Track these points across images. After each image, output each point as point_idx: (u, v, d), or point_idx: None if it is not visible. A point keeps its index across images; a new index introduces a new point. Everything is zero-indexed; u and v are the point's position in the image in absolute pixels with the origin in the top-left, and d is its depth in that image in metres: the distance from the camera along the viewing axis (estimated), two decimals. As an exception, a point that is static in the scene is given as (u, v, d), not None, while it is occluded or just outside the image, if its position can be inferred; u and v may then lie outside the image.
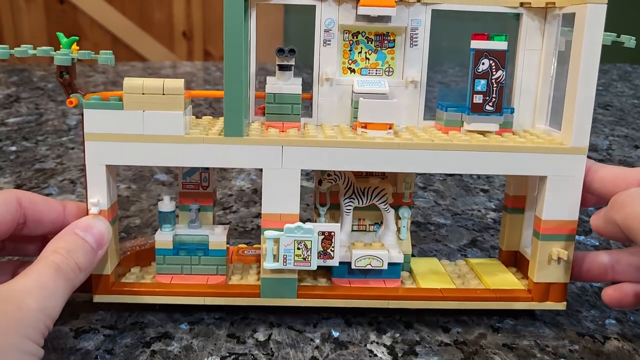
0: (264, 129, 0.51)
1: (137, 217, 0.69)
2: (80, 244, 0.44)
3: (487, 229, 0.69)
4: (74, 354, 0.46)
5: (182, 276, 0.52)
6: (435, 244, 0.65)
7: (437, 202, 0.77)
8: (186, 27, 2.25)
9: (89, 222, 0.46)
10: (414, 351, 0.48)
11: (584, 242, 0.67)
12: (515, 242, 0.58)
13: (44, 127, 1.02)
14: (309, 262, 0.49)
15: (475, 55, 0.50)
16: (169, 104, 0.46)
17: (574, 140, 0.48)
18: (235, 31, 0.45)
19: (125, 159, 0.47)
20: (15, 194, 0.46)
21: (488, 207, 0.75)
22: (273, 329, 0.50)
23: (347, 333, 0.50)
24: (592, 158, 0.50)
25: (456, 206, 0.75)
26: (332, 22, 0.53)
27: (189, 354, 0.47)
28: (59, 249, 0.42)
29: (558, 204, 0.50)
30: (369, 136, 0.49)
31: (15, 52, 0.45)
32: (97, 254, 0.45)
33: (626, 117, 1.18)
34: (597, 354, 0.48)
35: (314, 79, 0.54)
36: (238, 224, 0.69)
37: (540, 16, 0.54)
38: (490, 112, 0.51)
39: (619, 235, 0.46)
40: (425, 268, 0.57)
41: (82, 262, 0.43)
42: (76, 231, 0.45)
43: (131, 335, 0.49)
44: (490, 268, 0.57)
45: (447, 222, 0.71)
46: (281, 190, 0.48)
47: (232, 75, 0.46)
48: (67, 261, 0.42)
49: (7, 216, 0.45)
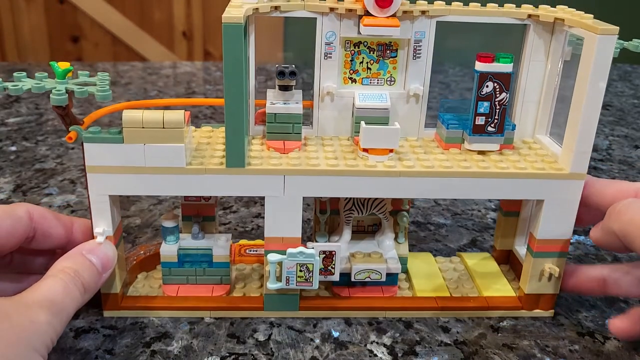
0: (265, 148, 0.51)
1: (137, 217, 0.70)
2: (87, 265, 0.45)
3: (487, 229, 0.71)
4: (74, 354, 0.47)
5: (188, 286, 0.54)
6: (435, 243, 0.67)
7: (437, 202, 0.77)
8: (186, 27, 2.17)
9: (95, 246, 0.47)
10: (414, 351, 0.49)
11: (584, 242, 0.68)
12: (509, 243, 0.60)
13: (44, 127, 1.01)
14: (311, 283, 0.51)
15: (480, 78, 0.50)
16: (169, 137, 0.46)
17: (573, 166, 0.49)
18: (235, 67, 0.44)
19: (127, 190, 0.48)
20: (27, 208, 0.47)
21: (488, 207, 0.76)
22: (273, 329, 0.51)
23: (347, 333, 0.51)
24: (592, 158, 0.50)
25: (456, 206, 0.76)
26: (334, 35, 0.51)
27: (189, 354, 0.48)
28: (66, 268, 0.44)
29: (553, 225, 0.51)
30: (370, 163, 0.49)
31: (10, 90, 0.43)
32: (102, 277, 0.46)
33: (626, 117, 1.17)
34: (597, 354, 0.50)
35: (314, 92, 0.53)
36: (238, 224, 0.70)
37: (547, 30, 0.52)
38: (492, 133, 0.51)
39: (617, 245, 0.47)
40: (421, 269, 0.59)
41: (87, 282, 0.44)
42: (83, 253, 0.46)
43: (131, 335, 0.50)
44: (483, 269, 0.59)
45: (447, 222, 0.72)
46: (283, 216, 0.49)
47: (233, 110, 0.45)
48: (74, 280, 0.43)
49: (20, 229, 0.46)
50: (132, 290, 0.55)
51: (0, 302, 0.38)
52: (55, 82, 0.45)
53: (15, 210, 0.46)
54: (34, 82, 0.45)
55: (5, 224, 0.45)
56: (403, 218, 0.57)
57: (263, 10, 0.49)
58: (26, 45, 2.14)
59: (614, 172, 0.88)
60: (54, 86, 0.44)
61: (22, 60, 2.14)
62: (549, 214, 0.50)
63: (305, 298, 0.54)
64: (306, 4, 0.50)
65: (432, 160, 0.50)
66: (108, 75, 0.48)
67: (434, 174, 0.49)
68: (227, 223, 0.70)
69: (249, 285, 0.56)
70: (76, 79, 0.47)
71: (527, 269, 0.53)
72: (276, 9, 0.50)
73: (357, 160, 0.50)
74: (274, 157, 0.49)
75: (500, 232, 0.60)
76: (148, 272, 0.58)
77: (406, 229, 0.57)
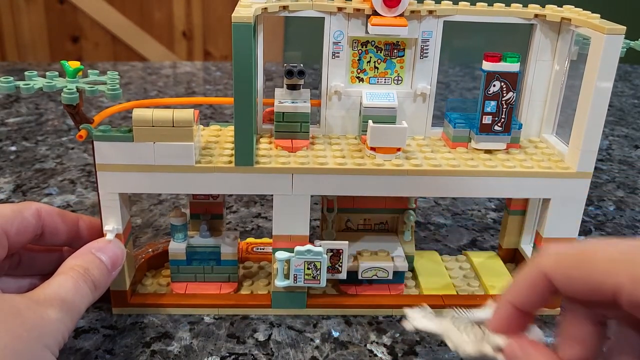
0: (273, 147, 0.52)
1: (138, 217, 0.70)
2: (97, 263, 0.46)
3: (487, 229, 0.71)
4: (74, 354, 0.47)
5: (196, 284, 0.55)
6: (435, 243, 0.67)
7: (437, 202, 0.77)
8: (186, 27, 2.18)
9: (104, 244, 0.47)
10: (414, 351, 0.49)
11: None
12: (515, 241, 0.61)
13: (44, 127, 1.01)
14: (319, 281, 0.51)
15: (487, 77, 0.50)
16: (179, 135, 0.46)
17: (579, 165, 0.49)
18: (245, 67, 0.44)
19: (137, 188, 0.48)
20: (35, 206, 0.48)
21: (488, 207, 0.76)
22: (273, 329, 0.51)
23: (347, 333, 0.51)
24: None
25: (456, 206, 0.76)
26: (342, 35, 0.51)
27: (189, 354, 0.48)
28: (76, 266, 0.44)
29: (559, 224, 0.51)
30: (377, 162, 0.49)
31: (22, 89, 0.44)
32: (111, 275, 0.47)
33: (626, 117, 1.18)
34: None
35: (322, 91, 0.53)
36: (238, 223, 0.70)
37: (554, 29, 0.52)
38: (499, 132, 0.51)
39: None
40: (427, 267, 0.59)
41: (98, 280, 0.44)
42: (93, 251, 0.46)
43: (131, 335, 0.50)
44: (489, 267, 0.59)
45: (447, 222, 0.72)
46: (291, 214, 0.49)
47: (242, 109, 0.46)
48: (85, 278, 0.43)
49: (30, 227, 0.47)
50: (141, 287, 0.55)
51: (11, 299, 0.39)
52: (66, 81, 0.46)
53: (24, 209, 0.47)
54: (45, 81, 0.45)
55: (16, 222, 0.46)
56: (410, 216, 0.57)
57: (272, 9, 0.49)
58: (26, 45, 2.15)
59: (614, 172, 0.89)
60: (65, 85, 0.45)
61: (22, 60, 2.14)
62: (555, 212, 0.51)
63: (312, 296, 0.54)
64: (314, 4, 0.50)
65: (439, 159, 0.51)
66: (118, 74, 0.48)
67: (441, 173, 0.49)
68: (227, 223, 0.70)
69: (257, 283, 0.56)
70: (86, 78, 0.47)
71: (533, 267, 0.53)
72: (284, 9, 0.50)
73: (364, 159, 0.50)
74: (282, 156, 0.50)
75: (506, 231, 0.60)
76: (156, 270, 0.58)
77: (412, 227, 0.58)
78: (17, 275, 0.50)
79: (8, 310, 0.37)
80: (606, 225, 0.72)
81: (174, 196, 0.75)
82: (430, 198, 0.78)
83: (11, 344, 0.36)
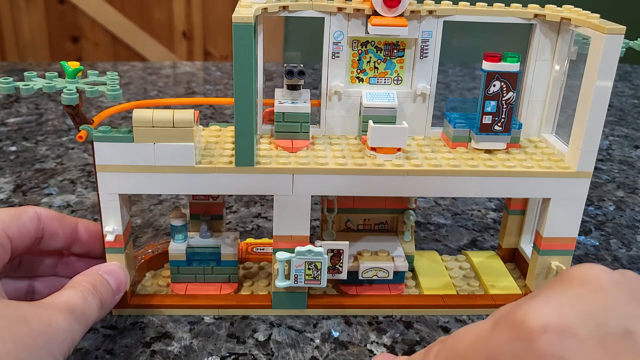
0: (273, 147, 0.52)
1: (138, 217, 0.70)
2: (104, 283, 0.46)
3: (487, 229, 0.71)
4: (74, 354, 0.47)
5: (196, 284, 0.55)
6: (435, 243, 0.67)
7: (437, 202, 0.77)
8: (186, 27, 2.19)
9: (111, 268, 0.48)
10: (414, 351, 0.48)
11: (584, 242, 0.68)
12: (515, 241, 0.61)
13: (44, 127, 1.01)
14: (319, 281, 0.51)
15: (487, 77, 0.50)
16: (179, 136, 0.46)
17: (579, 165, 0.49)
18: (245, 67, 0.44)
19: (137, 188, 0.48)
20: (35, 210, 0.48)
21: (488, 207, 0.76)
22: (273, 329, 0.51)
23: (347, 333, 0.51)
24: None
25: (456, 206, 0.76)
26: (342, 35, 0.51)
27: (189, 354, 0.48)
28: (85, 282, 0.44)
29: (559, 223, 0.51)
30: (378, 162, 0.49)
31: (22, 89, 0.44)
32: (115, 298, 0.47)
33: (626, 117, 1.18)
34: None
35: (322, 91, 0.53)
36: (238, 224, 0.70)
37: (553, 29, 0.52)
38: (499, 132, 0.51)
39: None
40: (428, 267, 0.59)
41: (104, 298, 0.45)
42: (100, 272, 0.47)
43: (131, 335, 0.50)
44: (489, 267, 0.60)
45: (447, 222, 0.72)
46: (292, 214, 0.49)
47: (243, 109, 0.46)
48: (93, 294, 0.44)
49: (31, 231, 0.47)
50: (141, 288, 0.55)
51: (19, 306, 0.39)
52: (65, 81, 0.46)
53: (24, 213, 0.47)
54: (45, 81, 0.45)
55: (17, 226, 0.46)
56: (410, 216, 0.57)
57: (272, 10, 0.49)
58: (26, 45, 2.15)
59: (614, 172, 0.89)
60: (65, 86, 0.45)
61: (22, 60, 2.14)
62: (555, 212, 0.51)
63: (313, 296, 0.54)
64: (314, 4, 0.50)
65: (439, 159, 0.51)
66: (118, 75, 0.48)
67: (442, 173, 0.49)
68: (227, 223, 0.70)
69: (257, 283, 0.56)
70: (86, 79, 0.47)
71: (533, 267, 0.53)
72: (284, 9, 0.50)
73: (365, 159, 0.50)
74: (283, 156, 0.50)
75: (506, 231, 0.60)
76: (156, 271, 0.58)
77: (412, 227, 0.58)
78: (15, 277, 0.50)
79: (14, 318, 0.37)
80: (606, 225, 0.72)
81: (174, 196, 0.75)
82: (430, 198, 0.78)
83: (15, 352, 0.36)
